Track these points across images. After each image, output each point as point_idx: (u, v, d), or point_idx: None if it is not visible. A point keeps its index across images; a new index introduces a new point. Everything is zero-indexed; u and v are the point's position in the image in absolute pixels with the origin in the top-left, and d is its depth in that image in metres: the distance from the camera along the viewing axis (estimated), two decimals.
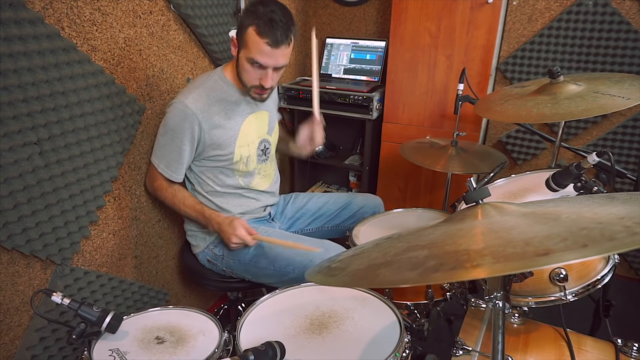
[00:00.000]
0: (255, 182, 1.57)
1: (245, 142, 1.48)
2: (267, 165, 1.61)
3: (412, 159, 1.81)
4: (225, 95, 1.43)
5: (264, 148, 1.57)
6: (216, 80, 1.43)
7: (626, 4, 1.92)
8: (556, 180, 1.11)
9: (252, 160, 1.52)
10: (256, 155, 1.54)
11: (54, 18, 1.16)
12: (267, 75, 1.34)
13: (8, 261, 1.15)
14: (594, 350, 1.04)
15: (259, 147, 1.54)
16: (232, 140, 1.45)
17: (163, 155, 1.41)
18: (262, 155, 1.57)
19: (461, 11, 2.01)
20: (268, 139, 1.59)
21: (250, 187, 1.56)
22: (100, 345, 1.03)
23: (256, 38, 1.27)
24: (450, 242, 0.59)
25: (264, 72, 1.34)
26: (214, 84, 1.43)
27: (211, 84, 1.42)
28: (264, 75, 1.34)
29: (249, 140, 1.49)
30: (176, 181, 1.46)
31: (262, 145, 1.56)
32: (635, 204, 0.58)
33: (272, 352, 0.87)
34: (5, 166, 1.07)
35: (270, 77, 1.35)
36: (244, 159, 1.49)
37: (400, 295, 1.35)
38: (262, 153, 1.57)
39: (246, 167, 1.52)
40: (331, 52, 2.55)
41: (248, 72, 1.35)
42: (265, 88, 1.37)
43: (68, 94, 1.20)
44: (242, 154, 1.48)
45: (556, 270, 1.00)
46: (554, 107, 1.22)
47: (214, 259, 1.53)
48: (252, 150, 1.51)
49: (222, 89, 1.43)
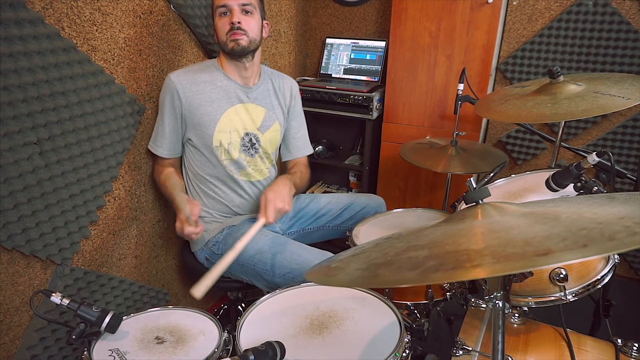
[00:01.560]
0: (247, 171, 1.56)
1: (227, 129, 1.48)
2: (256, 160, 1.58)
3: (412, 160, 1.81)
4: (212, 78, 1.48)
5: (250, 142, 1.55)
6: (207, 65, 1.51)
7: (626, 4, 1.92)
8: (556, 180, 1.11)
9: (234, 149, 1.51)
10: (239, 145, 1.52)
11: (54, 18, 1.16)
12: (233, 13, 1.38)
13: (8, 261, 1.15)
14: (594, 350, 1.04)
15: (244, 139, 1.53)
16: (211, 124, 1.46)
17: (154, 132, 1.49)
18: (249, 148, 1.55)
19: (461, 11, 2.01)
20: (257, 135, 1.56)
21: (242, 177, 1.55)
22: (100, 345, 1.03)
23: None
24: (450, 242, 0.59)
25: (228, 18, 1.39)
26: (205, 67, 1.50)
27: (202, 66, 1.50)
28: (229, 19, 1.39)
29: (231, 128, 1.49)
30: (162, 156, 1.49)
31: (248, 138, 1.54)
32: (635, 204, 0.58)
33: (272, 352, 0.87)
34: (5, 166, 1.07)
35: (237, 16, 1.39)
36: (225, 146, 1.49)
37: (400, 295, 1.35)
38: (250, 146, 1.55)
39: (229, 155, 1.51)
40: (331, 52, 2.55)
41: (219, 26, 1.42)
42: (235, 27, 1.39)
43: (68, 94, 1.20)
44: (221, 140, 1.48)
45: (556, 270, 1.00)
46: (554, 107, 1.22)
47: (212, 257, 1.53)
48: (234, 138, 1.50)
49: (211, 73, 1.49)
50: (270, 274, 1.39)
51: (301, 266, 1.35)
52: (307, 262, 1.36)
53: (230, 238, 1.49)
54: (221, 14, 1.40)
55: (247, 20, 1.42)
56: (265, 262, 1.40)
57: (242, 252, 1.43)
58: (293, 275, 1.35)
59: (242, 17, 1.41)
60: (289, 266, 1.37)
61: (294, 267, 1.36)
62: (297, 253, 1.39)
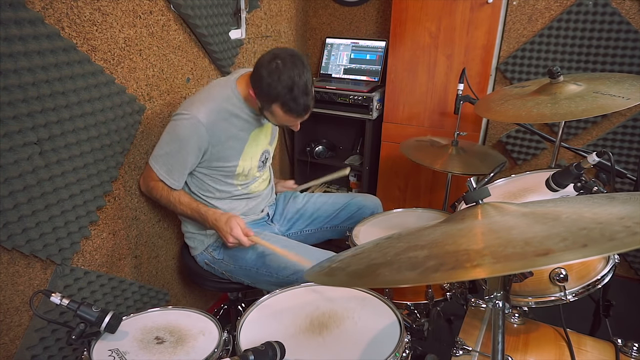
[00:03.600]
0: (253, 186, 1.58)
1: (249, 156, 1.49)
2: (265, 171, 1.63)
3: (412, 156, 1.81)
4: (236, 111, 1.41)
5: (265, 159, 1.58)
6: (230, 97, 1.40)
7: (626, 4, 1.92)
8: (556, 180, 1.11)
9: (253, 171, 1.54)
10: (257, 167, 1.55)
11: (54, 18, 1.16)
12: (297, 126, 1.42)
13: (8, 261, 1.15)
14: (594, 350, 1.04)
15: (260, 159, 1.55)
16: (237, 155, 1.46)
17: (165, 163, 1.40)
18: (262, 165, 1.58)
19: (461, 11, 2.01)
20: (269, 149, 1.60)
21: (248, 192, 1.57)
22: (99, 345, 1.03)
23: (284, 115, 1.33)
24: (450, 242, 0.59)
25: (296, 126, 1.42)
26: (228, 99, 1.40)
27: (225, 98, 1.40)
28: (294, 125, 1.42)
29: (252, 154, 1.50)
30: (174, 188, 1.44)
31: (264, 157, 1.57)
32: (635, 204, 0.58)
33: (272, 352, 0.87)
34: (6, 166, 1.07)
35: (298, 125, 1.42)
36: (246, 171, 1.50)
37: (400, 295, 1.35)
38: (263, 164, 1.58)
39: (246, 178, 1.53)
40: (331, 52, 2.55)
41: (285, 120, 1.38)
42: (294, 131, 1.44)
43: (68, 94, 1.20)
44: (244, 167, 1.49)
45: (556, 270, 1.00)
46: (554, 107, 1.22)
47: (212, 262, 1.53)
48: (254, 162, 1.52)
49: (234, 105, 1.40)
50: (274, 275, 1.39)
51: (304, 268, 1.35)
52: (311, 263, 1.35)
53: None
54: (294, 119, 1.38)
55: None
56: (269, 265, 1.40)
57: (245, 257, 1.44)
58: (297, 277, 1.36)
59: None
60: (293, 267, 1.37)
61: (298, 269, 1.36)
62: (300, 254, 1.39)
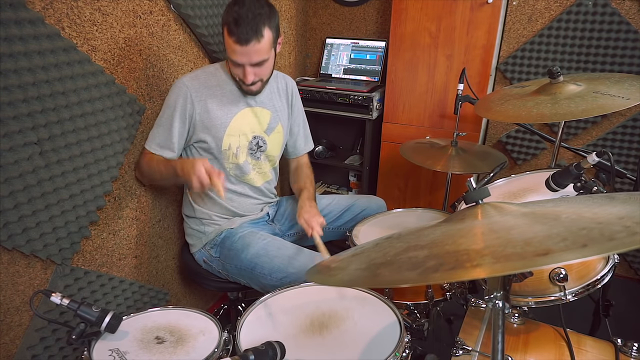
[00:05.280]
0: (249, 177, 1.57)
1: (236, 133, 1.49)
2: (262, 163, 1.60)
3: (412, 159, 1.81)
4: (221, 83, 1.48)
5: (257, 144, 1.56)
6: (217, 68, 1.50)
7: (626, 4, 1.92)
8: (556, 180, 1.11)
9: (242, 152, 1.52)
10: (247, 149, 1.53)
11: (54, 18, 1.16)
12: (245, 71, 1.37)
13: (8, 261, 1.15)
14: (594, 350, 1.04)
15: (252, 142, 1.54)
16: (222, 127, 1.46)
17: (156, 135, 1.44)
18: (255, 151, 1.56)
19: (461, 11, 2.01)
20: (264, 138, 1.57)
21: (243, 181, 1.56)
22: (100, 345, 1.03)
23: (228, 38, 1.31)
24: (450, 242, 0.59)
25: (242, 69, 1.37)
26: (214, 71, 1.49)
27: (211, 70, 1.49)
28: (243, 71, 1.38)
29: (240, 132, 1.50)
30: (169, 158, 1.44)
31: (256, 141, 1.55)
32: (635, 204, 0.58)
33: (272, 352, 0.87)
34: (6, 166, 1.07)
35: (250, 73, 1.37)
36: (234, 149, 1.49)
37: (400, 295, 1.35)
38: (256, 149, 1.56)
39: (236, 159, 1.51)
40: (331, 52, 2.55)
41: (232, 69, 1.41)
42: (246, 83, 1.40)
43: (68, 94, 1.20)
44: (231, 143, 1.48)
45: (556, 270, 1.00)
46: (553, 107, 1.22)
47: (209, 260, 1.53)
48: (242, 142, 1.51)
49: (220, 78, 1.48)
50: (268, 277, 1.39)
51: (298, 270, 1.36)
52: (303, 266, 1.36)
53: (228, 241, 1.50)
54: (232, 62, 1.36)
55: (260, 71, 1.39)
56: (262, 266, 1.40)
57: (240, 256, 1.44)
58: (290, 280, 1.35)
59: (256, 70, 1.37)
60: (285, 270, 1.37)
61: (290, 272, 1.36)
62: (293, 257, 1.39)
